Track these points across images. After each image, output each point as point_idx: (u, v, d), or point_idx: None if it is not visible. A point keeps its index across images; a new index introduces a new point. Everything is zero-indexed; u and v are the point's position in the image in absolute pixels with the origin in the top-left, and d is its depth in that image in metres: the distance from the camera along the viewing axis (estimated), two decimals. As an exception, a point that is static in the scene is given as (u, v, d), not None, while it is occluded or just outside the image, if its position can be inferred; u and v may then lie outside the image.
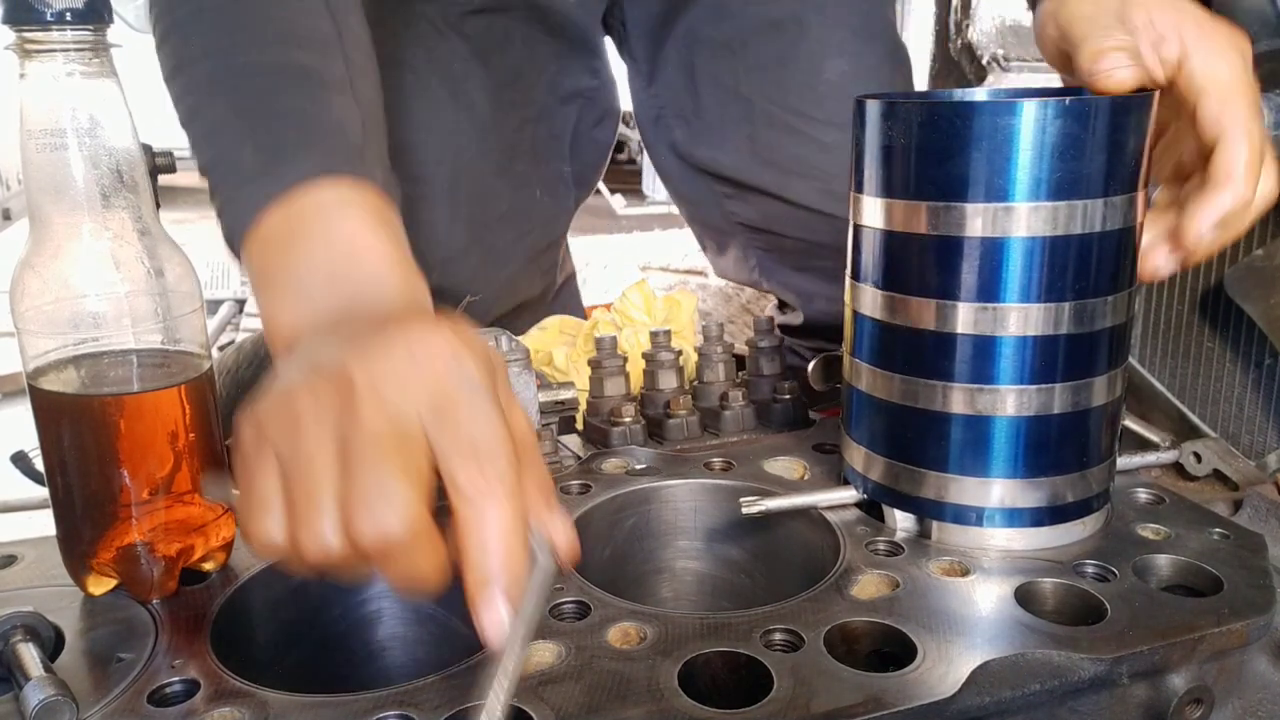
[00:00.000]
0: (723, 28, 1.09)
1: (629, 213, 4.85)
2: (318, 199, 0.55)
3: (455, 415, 0.41)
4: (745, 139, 1.10)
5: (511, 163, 1.11)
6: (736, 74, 1.09)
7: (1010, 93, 0.67)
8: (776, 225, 1.13)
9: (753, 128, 1.09)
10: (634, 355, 0.91)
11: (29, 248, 0.54)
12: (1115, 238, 0.57)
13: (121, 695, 0.48)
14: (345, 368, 0.42)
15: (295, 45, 0.61)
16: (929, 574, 0.58)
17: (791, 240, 1.13)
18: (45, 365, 0.55)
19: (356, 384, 0.41)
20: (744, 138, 1.10)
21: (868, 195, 0.60)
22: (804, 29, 1.06)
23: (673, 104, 1.14)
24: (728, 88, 1.10)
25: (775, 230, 1.14)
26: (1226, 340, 0.83)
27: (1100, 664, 0.50)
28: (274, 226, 0.55)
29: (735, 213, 1.16)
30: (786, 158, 1.08)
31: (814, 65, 1.07)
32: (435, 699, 0.47)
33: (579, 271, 1.45)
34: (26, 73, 0.52)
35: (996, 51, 1.69)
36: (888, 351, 0.61)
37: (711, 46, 1.10)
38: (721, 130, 1.11)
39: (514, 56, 1.08)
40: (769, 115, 1.08)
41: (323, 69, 0.61)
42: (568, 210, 1.21)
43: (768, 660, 0.49)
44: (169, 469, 0.56)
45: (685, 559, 0.73)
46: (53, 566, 0.59)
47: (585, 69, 1.14)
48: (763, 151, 1.09)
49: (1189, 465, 0.72)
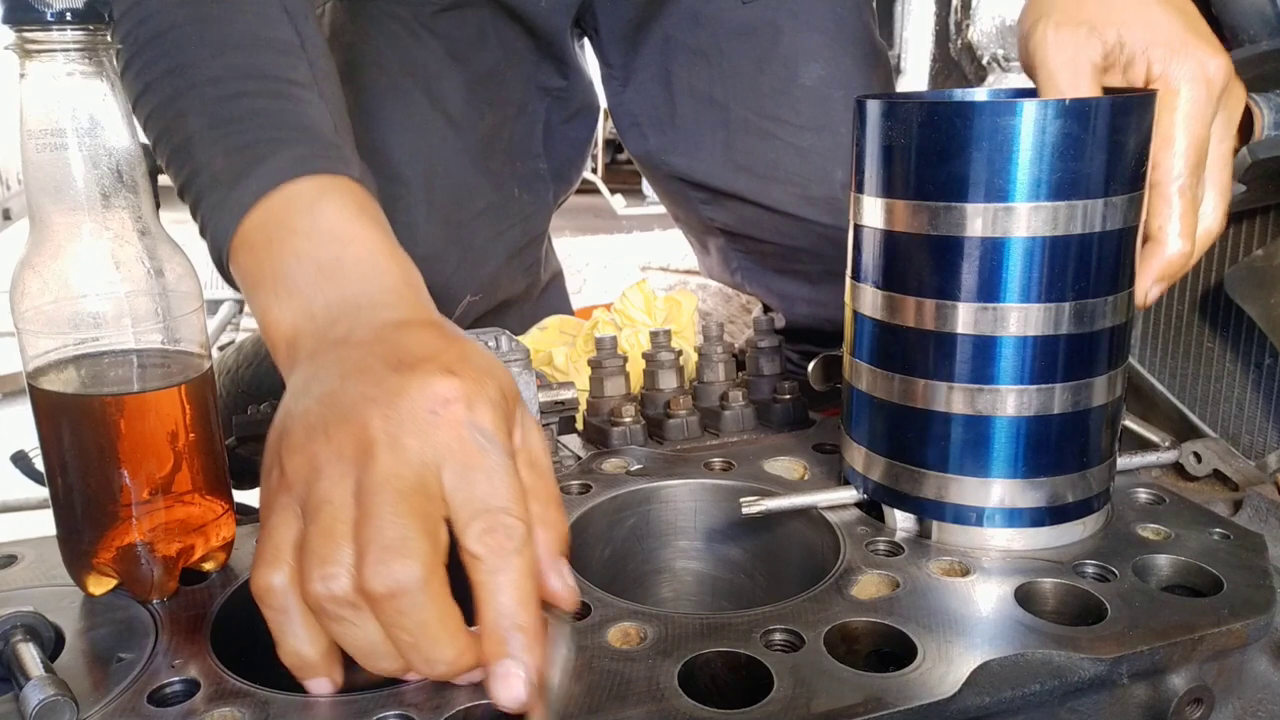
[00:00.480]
0: (698, 34, 1.08)
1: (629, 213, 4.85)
2: (296, 194, 0.54)
3: (471, 474, 0.43)
4: (721, 145, 1.09)
5: (487, 160, 1.10)
6: (712, 80, 1.08)
7: (1010, 93, 0.67)
8: (754, 230, 1.12)
9: (728, 133, 1.08)
10: (634, 355, 0.91)
11: (29, 248, 0.54)
12: (1115, 238, 0.57)
13: (121, 695, 0.48)
14: (364, 415, 0.43)
15: (259, 51, 0.61)
16: (929, 574, 0.58)
17: (770, 245, 1.12)
18: (45, 365, 0.55)
19: (375, 433, 0.42)
20: (719, 144, 1.09)
21: (868, 195, 0.60)
22: (779, 34, 1.06)
23: (646, 111, 1.13)
24: (703, 94, 1.09)
25: (754, 235, 1.13)
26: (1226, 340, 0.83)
27: (1100, 664, 0.50)
28: (256, 228, 0.54)
29: (713, 218, 1.15)
30: (762, 163, 1.07)
31: (789, 70, 1.06)
32: (435, 699, 0.47)
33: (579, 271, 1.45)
34: (26, 72, 0.52)
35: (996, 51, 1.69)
36: (888, 351, 0.61)
37: (687, 52, 1.09)
38: (697, 137, 1.10)
39: (487, 54, 1.07)
40: (744, 121, 1.08)
41: (288, 72, 0.61)
42: (547, 206, 1.20)
43: (768, 660, 0.49)
44: (169, 469, 0.56)
45: (685, 559, 0.73)
46: (53, 566, 0.59)
47: (554, 70, 1.13)
48: (738, 157, 1.08)
49: (1189, 465, 0.72)
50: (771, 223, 1.09)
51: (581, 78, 1.17)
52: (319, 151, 0.57)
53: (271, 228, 0.54)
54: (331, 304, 0.51)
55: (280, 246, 0.53)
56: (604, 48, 1.14)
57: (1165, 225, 0.59)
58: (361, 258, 0.53)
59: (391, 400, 0.43)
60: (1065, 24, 0.59)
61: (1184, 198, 0.59)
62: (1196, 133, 0.59)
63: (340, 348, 0.48)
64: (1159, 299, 0.62)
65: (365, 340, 0.48)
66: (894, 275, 0.59)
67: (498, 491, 0.43)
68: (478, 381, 0.45)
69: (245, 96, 0.59)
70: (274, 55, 0.61)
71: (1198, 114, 0.59)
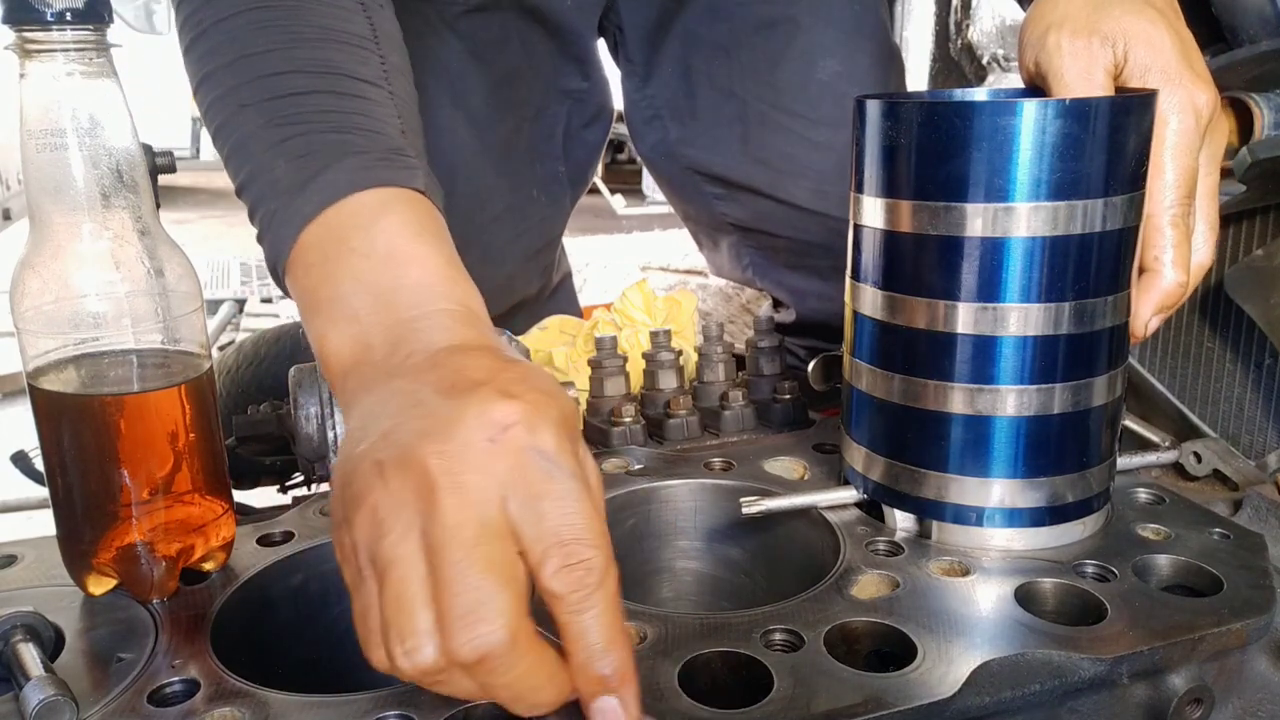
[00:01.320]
0: (718, 28, 1.09)
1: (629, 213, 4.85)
2: (356, 209, 0.52)
3: (539, 505, 0.40)
4: (738, 138, 1.10)
5: (508, 162, 1.11)
6: (731, 73, 1.09)
7: (1010, 93, 0.67)
8: (768, 225, 1.13)
9: (745, 127, 1.10)
10: (634, 355, 0.91)
11: (29, 248, 0.54)
12: (1115, 238, 0.57)
13: (121, 695, 0.48)
14: (420, 456, 0.40)
15: (328, 45, 0.58)
16: (929, 574, 0.58)
17: (784, 240, 1.13)
18: (45, 365, 0.55)
19: (434, 475, 0.39)
20: (737, 137, 1.10)
21: (868, 195, 0.60)
22: (797, 28, 1.07)
23: (668, 104, 1.14)
24: (722, 87, 1.10)
25: (767, 230, 1.14)
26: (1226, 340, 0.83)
27: (1100, 664, 0.50)
28: (313, 245, 0.52)
29: (726, 213, 1.16)
30: (778, 157, 1.09)
31: (807, 65, 1.07)
32: (435, 699, 0.47)
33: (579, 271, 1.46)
34: (27, 72, 0.52)
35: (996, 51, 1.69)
36: (888, 351, 0.61)
37: (707, 46, 1.10)
38: (715, 129, 1.12)
39: (511, 56, 1.08)
40: (761, 115, 1.09)
41: (358, 68, 0.58)
42: (564, 210, 1.21)
43: (768, 660, 0.49)
44: (169, 469, 0.56)
45: (685, 559, 0.73)
46: (53, 566, 0.59)
47: (576, 71, 1.14)
48: (755, 151, 1.09)
49: (1189, 465, 0.72)
50: (785, 217, 1.10)
51: (601, 79, 1.18)
52: (383, 159, 0.54)
53: (329, 245, 0.51)
54: (388, 331, 0.48)
55: (337, 267, 0.51)
56: (626, 45, 1.14)
57: (1161, 256, 0.59)
58: (420, 282, 0.50)
59: (447, 432, 0.40)
60: (1079, 34, 0.59)
61: (1177, 229, 0.59)
62: (1186, 164, 0.59)
63: (394, 379, 0.45)
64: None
65: (419, 368, 0.45)
66: (894, 275, 0.59)
67: (570, 521, 0.40)
68: (537, 404, 0.41)
69: (311, 94, 0.56)
70: (343, 49, 0.58)
71: (1186, 145, 0.59)
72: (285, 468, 0.89)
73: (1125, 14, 0.59)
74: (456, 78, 1.04)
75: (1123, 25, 0.59)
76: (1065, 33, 0.60)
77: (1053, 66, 0.60)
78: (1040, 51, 0.60)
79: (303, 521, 0.66)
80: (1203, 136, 0.60)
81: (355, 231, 0.51)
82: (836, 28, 1.08)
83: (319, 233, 0.52)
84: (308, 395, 0.72)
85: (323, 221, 0.52)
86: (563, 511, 0.40)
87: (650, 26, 1.12)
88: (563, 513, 0.40)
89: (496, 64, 1.06)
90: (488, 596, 0.38)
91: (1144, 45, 0.59)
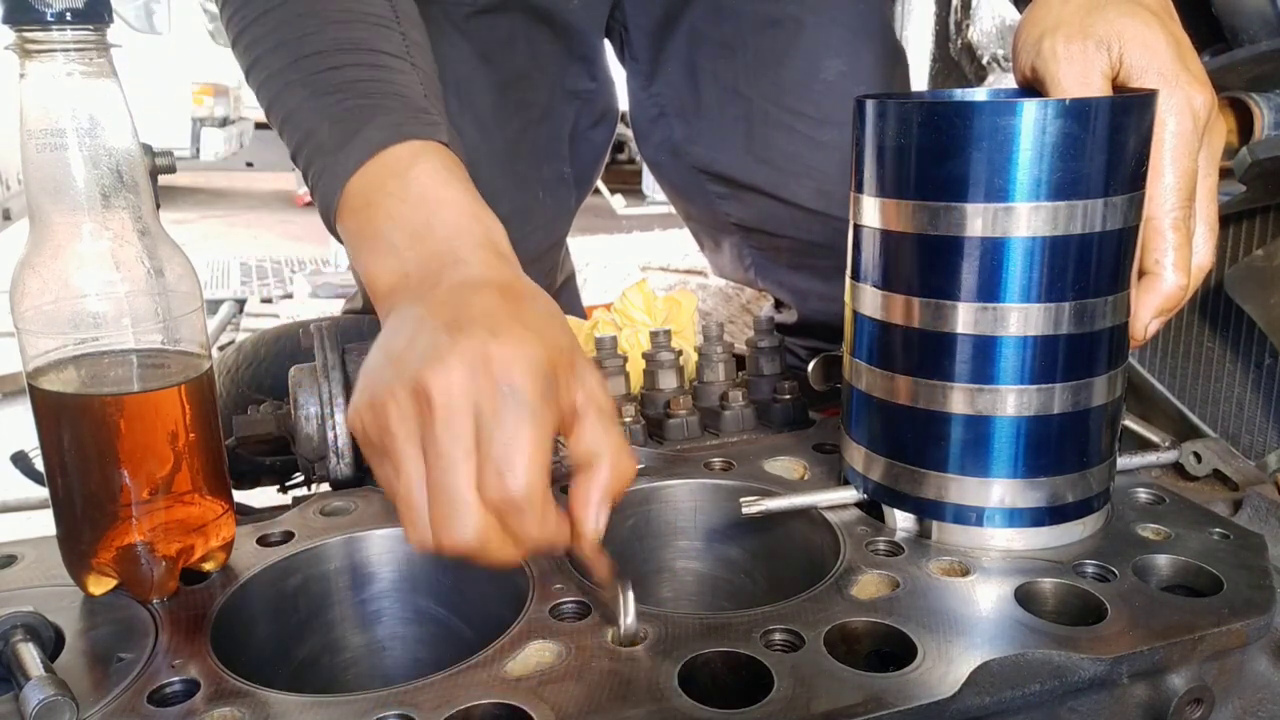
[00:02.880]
0: (723, 27, 1.10)
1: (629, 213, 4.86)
2: (392, 159, 0.60)
3: (491, 431, 0.48)
4: (742, 137, 1.10)
5: (514, 164, 1.11)
6: (735, 72, 1.10)
7: (1010, 93, 0.67)
8: (771, 224, 1.13)
9: (750, 126, 1.10)
10: (634, 355, 0.91)
11: (29, 248, 0.54)
12: (1115, 238, 0.57)
13: (121, 695, 0.48)
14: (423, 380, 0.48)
15: (355, 25, 0.67)
16: (929, 574, 0.58)
17: (786, 239, 1.13)
18: (45, 365, 0.55)
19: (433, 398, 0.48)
20: (741, 135, 1.10)
21: (868, 195, 0.60)
22: (802, 28, 1.07)
23: (673, 102, 1.14)
24: (727, 86, 1.10)
25: (770, 230, 1.14)
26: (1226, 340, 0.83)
27: (1100, 664, 0.50)
28: (357, 193, 0.61)
29: (729, 213, 1.16)
30: (782, 156, 1.09)
31: (811, 64, 1.07)
32: (435, 699, 0.47)
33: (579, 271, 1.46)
34: (27, 72, 0.52)
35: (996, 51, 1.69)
36: (888, 351, 0.61)
37: (713, 45, 1.10)
38: (720, 128, 1.12)
39: (517, 57, 1.08)
40: (766, 113, 1.09)
41: (382, 44, 0.67)
42: (569, 211, 1.21)
43: (768, 660, 0.49)
44: (169, 469, 0.56)
45: (685, 559, 0.73)
46: (53, 566, 0.59)
47: (584, 72, 1.14)
48: (759, 150, 1.09)
49: (1189, 465, 0.72)
50: (788, 217, 1.10)
51: (607, 79, 1.18)
52: (411, 117, 0.63)
53: (370, 192, 0.60)
54: (423, 263, 0.56)
55: (378, 210, 0.59)
56: (632, 44, 1.15)
57: (1161, 259, 0.59)
58: (449, 220, 0.58)
59: (443, 359, 0.48)
60: (1074, 38, 0.59)
61: (1178, 231, 0.59)
62: (1185, 166, 0.59)
63: (418, 305, 0.53)
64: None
65: (438, 299, 0.53)
66: (894, 275, 0.59)
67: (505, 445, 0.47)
68: (519, 342, 0.48)
69: (345, 68, 0.65)
70: (369, 28, 0.67)
71: (1185, 147, 0.59)
72: (285, 468, 0.89)
73: (1119, 16, 0.59)
74: (464, 80, 1.04)
75: (1117, 28, 0.59)
76: (1060, 37, 0.60)
77: (1049, 72, 0.60)
78: (1035, 57, 0.61)
79: (303, 521, 0.66)
80: (1201, 137, 0.60)
81: (391, 179, 0.60)
82: (841, 27, 1.08)
83: (360, 183, 0.61)
84: (308, 395, 0.72)
85: (363, 173, 0.61)
86: (502, 439, 0.47)
87: (656, 25, 1.13)
88: (502, 440, 0.47)
89: (503, 65, 1.07)
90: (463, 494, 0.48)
91: (1139, 47, 0.58)
